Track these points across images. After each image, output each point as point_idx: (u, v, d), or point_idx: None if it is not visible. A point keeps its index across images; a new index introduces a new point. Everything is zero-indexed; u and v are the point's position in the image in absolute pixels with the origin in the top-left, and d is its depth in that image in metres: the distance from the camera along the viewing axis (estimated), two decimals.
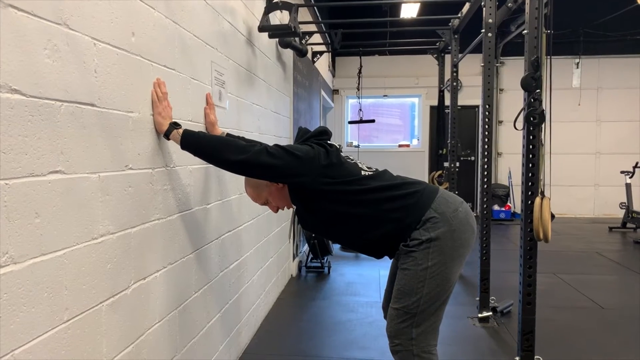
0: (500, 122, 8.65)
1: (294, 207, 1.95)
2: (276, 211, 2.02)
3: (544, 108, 2.43)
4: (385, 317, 1.94)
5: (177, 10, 1.97)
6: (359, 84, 6.13)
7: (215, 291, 2.43)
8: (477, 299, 3.50)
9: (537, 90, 2.40)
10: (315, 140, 1.85)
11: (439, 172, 5.69)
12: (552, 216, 2.48)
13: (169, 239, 1.90)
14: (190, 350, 2.12)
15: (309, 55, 5.48)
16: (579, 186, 8.58)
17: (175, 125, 1.79)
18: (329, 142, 1.87)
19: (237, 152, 1.73)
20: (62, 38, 1.27)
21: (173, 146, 1.91)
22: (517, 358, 2.57)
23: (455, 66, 4.74)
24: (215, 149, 1.77)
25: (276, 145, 1.78)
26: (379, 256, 1.91)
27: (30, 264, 1.16)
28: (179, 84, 1.99)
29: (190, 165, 2.10)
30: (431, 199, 1.77)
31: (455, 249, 1.74)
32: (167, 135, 1.79)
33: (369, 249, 1.89)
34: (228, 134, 2.23)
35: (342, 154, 1.88)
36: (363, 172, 1.83)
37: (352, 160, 1.90)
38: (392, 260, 1.97)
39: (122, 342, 1.57)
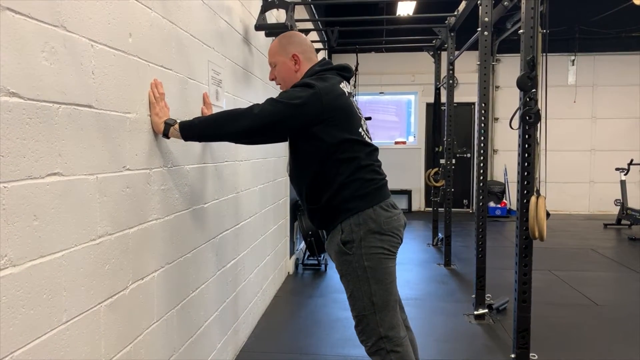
0: (496, 119, 8.68)
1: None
2: (271, 79, 2.04)
3: (539, 107, 2.44)
4: None
5: (174, 10, 1.97)
6: (355, 81, 6.13)
7: (212, 290, 2.44)
8: (473, 296, 3.53)
9: (533, 90, 2.41)
10: (329, 74, 1.85)
11: (435, 169, 5.70)
12: (548, 214, 2.49)
13: (166, 239, 1.90)
14: (188, 349, 2.13)
15: None
16: (574, 183, 8.63)
17: (170, 122, 1.79)
18: (347, 81, 1.90)
19: (239, 121, 1.74)
20: (60, 40, 1.27)
21: (170, 146, 1.92)
22: (513, 355, 2.60)
23: (451, 64, 4.75)
24: (217, 126, 1.79)
25: (273, 100, 1.77)
26: (319, 226, 1.96)
27: (29, 266, 1.16)
28: (176, 84, 1.99)
29: (187, 165, 2.10)
30: (379, 200, 1.82)
31: (384, 249, 1.81)
32: (166, 135, 1.79)
33: (313, 215, 1.93)
34: None
35: (349, 99, 1.87)
36: (360, 130, 1.85)
37: (358, 114, 1.90)
38: None
39: (121, 342, 1.58)
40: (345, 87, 1.88)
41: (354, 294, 1.83)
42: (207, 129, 1.81)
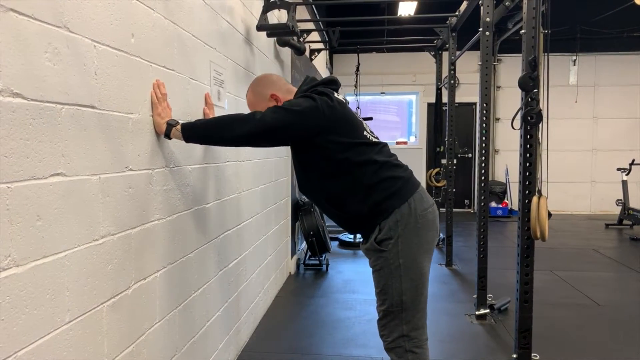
0: (498, 119, 8.67)
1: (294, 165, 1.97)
2: None
3: (541, 107, 2.44)
4: None
5: (176, 11, 1.97)
6: (356, 81, 6.14)
7: (214, 290, 2.44)
8: (475, 296, 3.53)
9: (535, 90, 2.41)
10: (321, 89, 1.84)
11: (437, 169, 5.70)
12: (549, 214, 2.49)
13: (169, 239, 1.91)
14: (190, 349, 2.14)
15: (307, 53, 5.48)
16: (576, 183, 8.62)
17: (172, 123, 1.79)
18: (336, 93, 1.88)
19: (241, 125, 1.74)
20: (63, 41, 1.27)
21: (172, 146, 1.92)
22: (514, 355, 2.60)
23: (452, 64, 4.75)
24: (218, 129, 1.79)
25: (275, 107, 1.77)
26: (351, 230, 1.96)
27: (32, 267, 1.17)
28: (178, 84, 2.00)
29: (189, 165, 2.10)
30: (411, 192, 1.81)
31: (421, 245, 1.80)
32: (167, 135, 1.79)
33: (343, 220, 1.91)
34: None
35: (347, 106, 1.87)
36: (365, 133, 1.84)
37: (359, 119, 1.90)
38: None
39: (123, 342, 1.58)
40: (339, 96, 1.89)
41: (384, 289, 1.81)
42: (208, 130, 1.81)
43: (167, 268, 1.89)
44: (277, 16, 3.78)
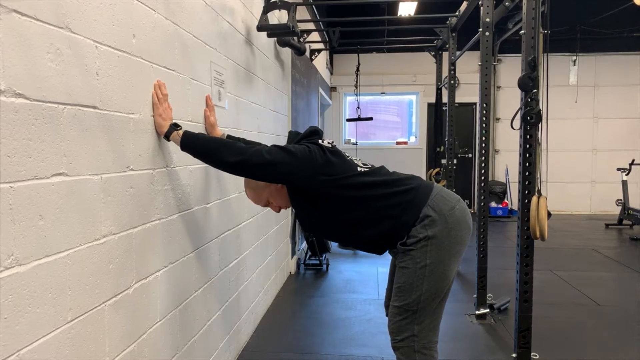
0: (498, 119, 8.67)
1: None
2: (278, 211, 2.04)
3: (540, 108, 2.45)
4: (387, 314, 1.96)
5: (177, 11, 1.98)
6: (356, 81, 6.15)
7: (215, 290, 2.45)
8: (475, 296, 3.53)
9: (534, 90, 2.42)
10: (306, 141, 1.86)
11: (437, 169, 5.71)
12: (549, 214, 2.50)
13: (169, 239, 1.91)
14: (191, 348, 2.14)
15: (307, 53, 5.48)
16: (576, 183, 8.63)
17: (175, 126, 1.80)
18: (321, 140, 1.88)
19: (236, 154, 1.75)
20: (65, 41, 1.28)
21: (173, 147, 1.93)
22: (514, 355, 2.60)
23: (452, 64, 4.76)
24: (214, 150, 1.79)
25: (273, 146, 1.79)
26: (379, 252, 1.92)
27: (34, 266, 1.18)
28: (179, 84, 2.00)
29: (190, 166, 2.11)
30: (428, 196, 1.78)
31: (452, 247, 1.77)
32: (167, 137, 1.80)
33: (369, 247, 1.90)
34: (228, 136, 2.25)
35: (337, 149, 1.88)
36: (359, 169, 1.84)
37: (348, 156, 1.90)
38: (391, 257, 2.00)
39: (124, 341, 1.59)
40: (324, 142, 1.88)
41: (403, 286, 1.78)
42: (205, 148, 1.80)
43: (167, 267, 1.90)
44: (278, 16, 3.79)
